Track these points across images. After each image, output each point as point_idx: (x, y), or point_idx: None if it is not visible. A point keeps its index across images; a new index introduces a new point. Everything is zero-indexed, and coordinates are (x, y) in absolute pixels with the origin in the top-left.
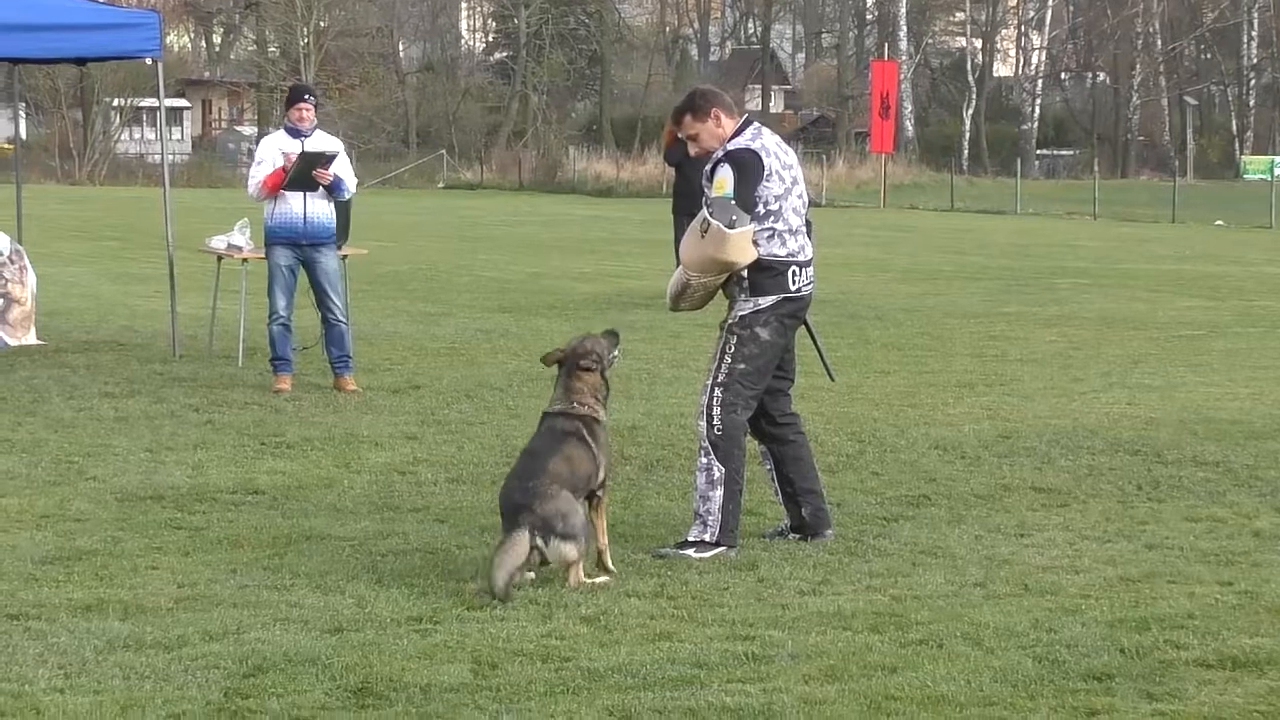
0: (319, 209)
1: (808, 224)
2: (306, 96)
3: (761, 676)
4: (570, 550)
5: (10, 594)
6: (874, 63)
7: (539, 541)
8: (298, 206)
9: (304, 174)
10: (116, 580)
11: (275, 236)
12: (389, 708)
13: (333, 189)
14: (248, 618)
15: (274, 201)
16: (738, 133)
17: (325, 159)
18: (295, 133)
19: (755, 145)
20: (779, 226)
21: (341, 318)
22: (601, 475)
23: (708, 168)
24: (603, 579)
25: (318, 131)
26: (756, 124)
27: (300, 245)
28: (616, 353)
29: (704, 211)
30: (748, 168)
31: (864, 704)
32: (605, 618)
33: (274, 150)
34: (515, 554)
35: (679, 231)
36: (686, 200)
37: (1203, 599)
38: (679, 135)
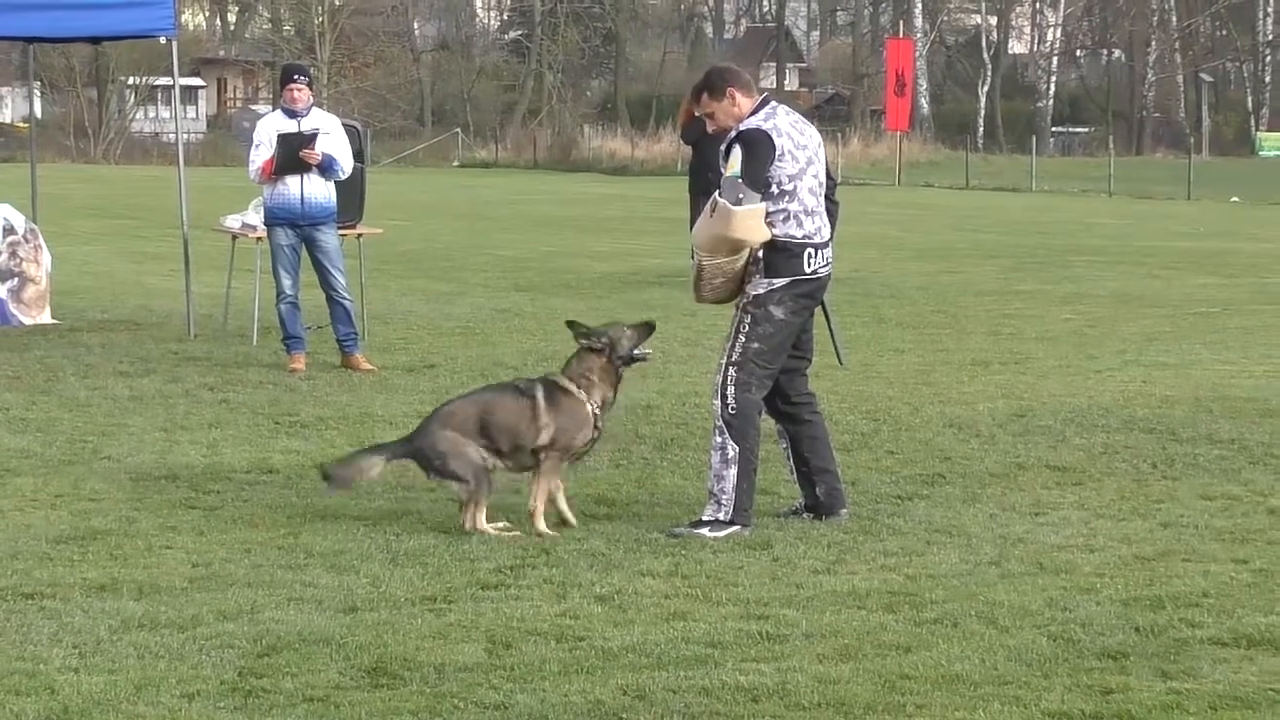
0: (316, 189)
1: (834, 204)
2: (297, 76)
3: (776, 656)
4: (456, 489)
5: (25, 573)
6: (889, 40)
7: (424, 474)
8: (295, 188)
9: (288, 157)
10: (131, 559)
11: (274, 217)
12: (403, 687)
13: (325, 168)
14: (262, 597)
15: (272, 183)
16: (754, 112)
17: (305, 139)
18: (291, 113)
19: (767, 125)
20: (793, 207)
21: (345, 295)
22: (545, 440)
23: (722, 147)
24: (510, 534)
25: (314, 110)
26: (774, 103)
27: (299, 225)
28: (646, 351)
29: (716, 192)
30: (757, 147)
31: (879, 683)
32: (620, 597)
33: (271, 132)
34: (367, 464)
35: (695, 210)
36: (703, 179)
37: (1217, 577)
38: (696, 113)
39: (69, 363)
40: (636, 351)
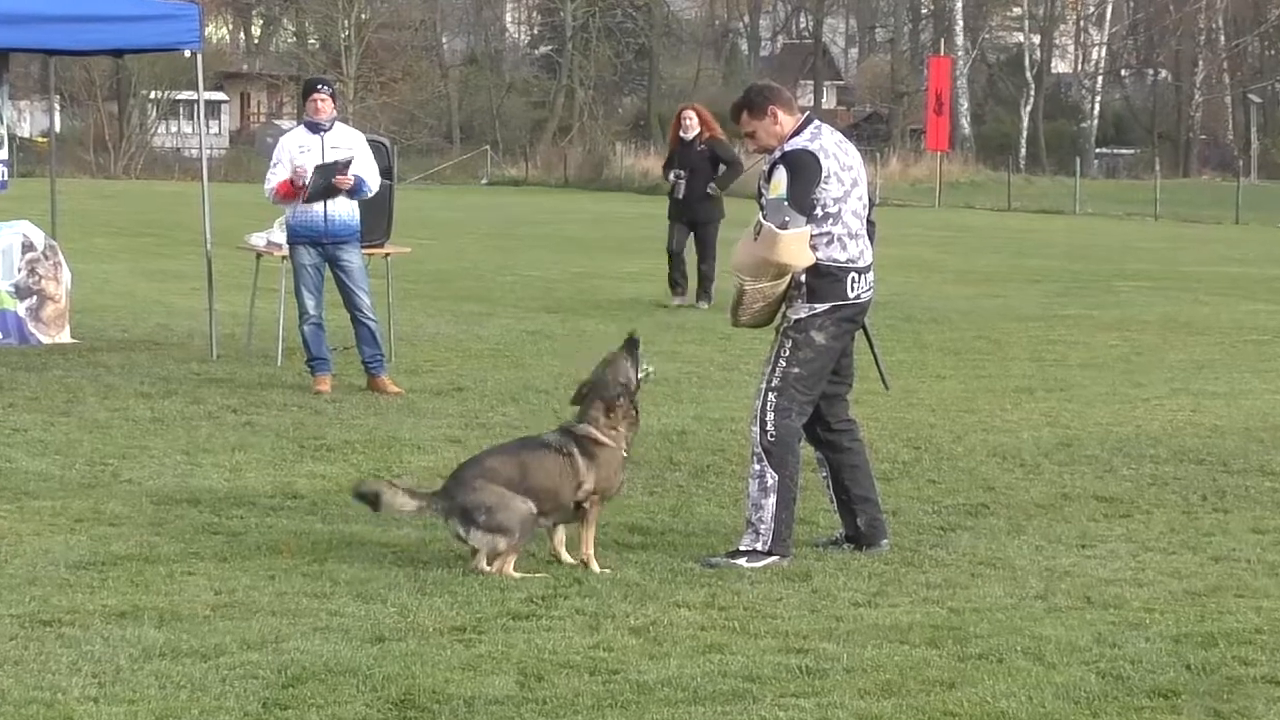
0: (341, 208)
1: (871, 225)
2: (321, 87)
3: (816, 691)
4: (496, 542)
5: (44, 599)
6: (930, 58)
7: (459, 530)
8: (319, 206)
9: (323, 185)
10: (152, 586)
11: (297, 236)
12: None
13: (354, 190)
14: (286, 626)
15: (293, 201)
16: (797, 131)
17: (340, 166)
18: (314, 127)
19: (813, 146)
20: (837, 230)
21: (370, 316)
22: (585, 490)
23: (765, 167)
24: (530, 575)
25: (338, 125)
26: (817, 122)
27: (322, 244)
28: (647, 368)
29: (759, 214)
30: (804, 169)
31: None
32: (655, 628)
33: (292, 149)
34: (409, 503)
35: (671, 235)
36: (686, 209)
37: (1271, 614)
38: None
39: (89, 383)
40: (642, 375)
